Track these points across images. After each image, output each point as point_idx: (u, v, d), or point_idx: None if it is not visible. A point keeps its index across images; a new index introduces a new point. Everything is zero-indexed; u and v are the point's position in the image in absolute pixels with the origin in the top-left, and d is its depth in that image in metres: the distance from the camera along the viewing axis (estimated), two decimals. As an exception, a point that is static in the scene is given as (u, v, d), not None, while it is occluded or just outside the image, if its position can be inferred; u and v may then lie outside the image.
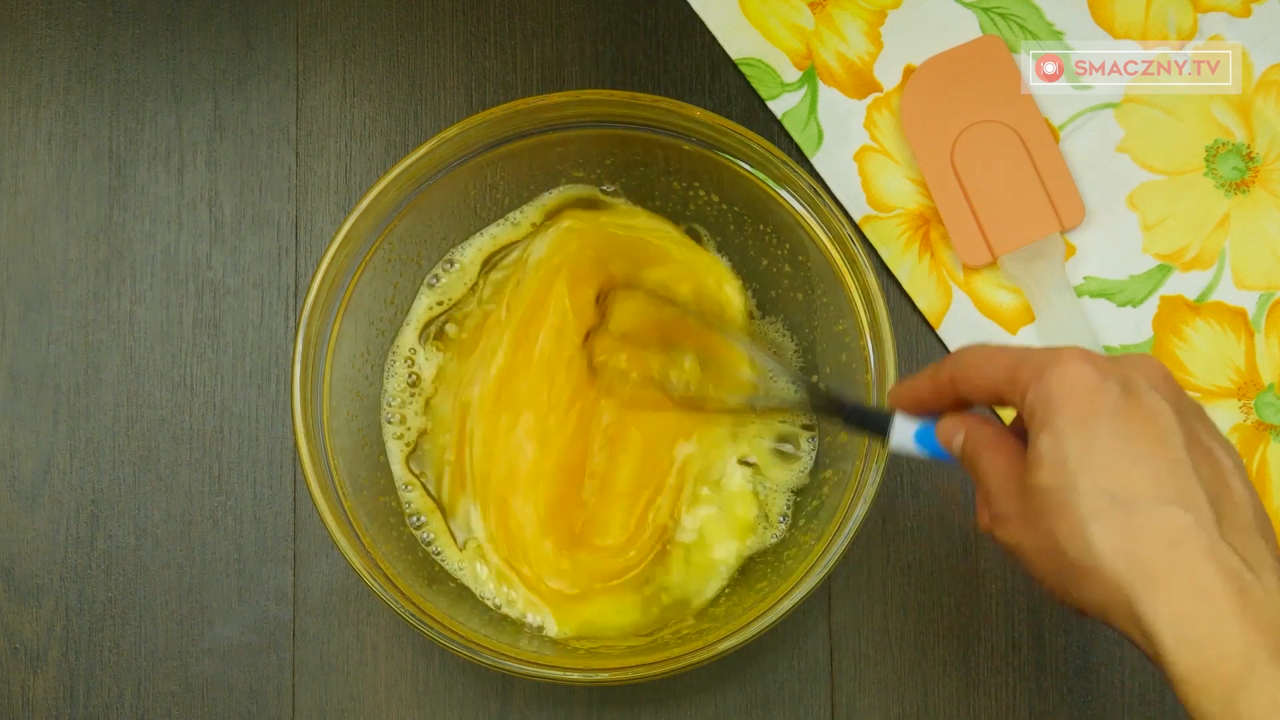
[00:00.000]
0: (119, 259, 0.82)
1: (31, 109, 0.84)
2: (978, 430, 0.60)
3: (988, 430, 0.59)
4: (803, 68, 0.83)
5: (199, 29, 0.84)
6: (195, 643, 0.79)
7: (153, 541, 0.80)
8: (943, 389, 0.61)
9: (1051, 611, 0.79)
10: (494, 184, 0.78)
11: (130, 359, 0.82)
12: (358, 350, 0.76)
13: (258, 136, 0.83)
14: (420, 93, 0.84)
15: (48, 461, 0.81)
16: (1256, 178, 0.82)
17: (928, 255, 0.82)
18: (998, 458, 0.58)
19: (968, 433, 0.60)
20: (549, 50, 0.84)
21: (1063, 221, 0.81)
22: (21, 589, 0.80)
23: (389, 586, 0.70)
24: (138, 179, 0.83)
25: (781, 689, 0.79)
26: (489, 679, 0.79)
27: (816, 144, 0.83)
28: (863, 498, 0.70)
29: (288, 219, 0.83)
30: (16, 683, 0.79)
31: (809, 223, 0.74)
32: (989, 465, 0.58)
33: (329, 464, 0.72)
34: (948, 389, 0.60)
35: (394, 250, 0.76)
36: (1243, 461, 0.58)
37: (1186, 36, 0.83)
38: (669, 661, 0.70)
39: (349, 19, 0.84)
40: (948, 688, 0.79)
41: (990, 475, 0.58)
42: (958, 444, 0.60)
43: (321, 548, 0.80)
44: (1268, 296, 0.81)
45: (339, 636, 0.79)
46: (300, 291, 0.82)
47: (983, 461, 0.59)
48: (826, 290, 0.75)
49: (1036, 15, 0.83)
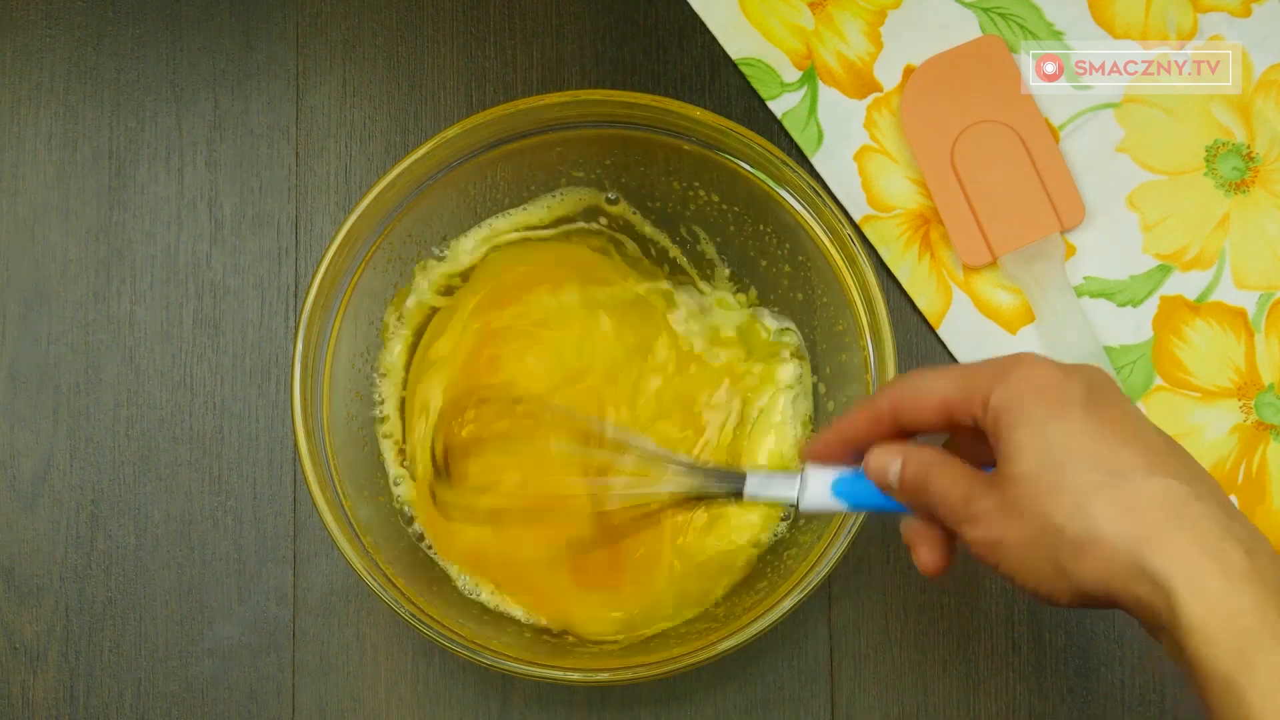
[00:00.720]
0: (119, 259, 0.82)
1: (31, 109, 0.84)
2: (919, 452, 0.58)
3: (929, 450, 0.58)
4: (803, 68, 0.83)
5: (199, 29, 0.84)
6: (195, 643, 0.79)
7: (153, 541, 0.80)
8: (880, 422, 0.59)
9: (1052, 611, 0.79)
10: (494, 184, 0.78)
11: (130, 359, 0.82)
12: (358, 350, 0.76)
13: (258, 136, 0.83)
14: (420, 93, 0.84)
15: (48, 461, 0.81)
16: (1256, 178, 0.82)
17: (928, 255, 0.82)
18: (948, 471, 0.57)
19: (905, 458, 0.58)
20: (549, 50, 0.84)
21: (1063, 221, 0.81)
22: (21, 589, 0.80)
23: (389, 586, 0.70)
24: (138, 179, 0.83)
25: (781, 689, 0.79)
26: (489, 679, 0.79)
27: (816, 144, 0.83)
28: (863, 498, 0.70)
29: (288, 219, 0.83)
30: (16, 683, 0.79)
31: (809, 223, 0.74)
32: (943, 480, 0.57)
33: (329, 464, 0.72)
34: (886, 420, 0.58)
35: (394, 250, 0.76)
36: None
37: (1186, 36, 0.83)
38: (669, 661, 0.70)
39: (349, 19, 0.84)
40: (948, 688, 0.79)
41: (949, 488, 0.56)
42: (894, 473, 0.58)
43: (321, 548, 0.80)
44: (1268, 296, 0.81)
45: (339, 636, 0.79)
46: (300, 291, 0.82)
47: (934, 479, 0.57)
48: (826, 290, 0.75)
49: (1036, 15, 0.83)
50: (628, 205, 0.79)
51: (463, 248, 0.78)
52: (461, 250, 0.78)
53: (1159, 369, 0.81)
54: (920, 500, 0.58)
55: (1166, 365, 0.81)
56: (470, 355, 0.77)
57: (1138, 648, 0.79)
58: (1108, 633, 0.79)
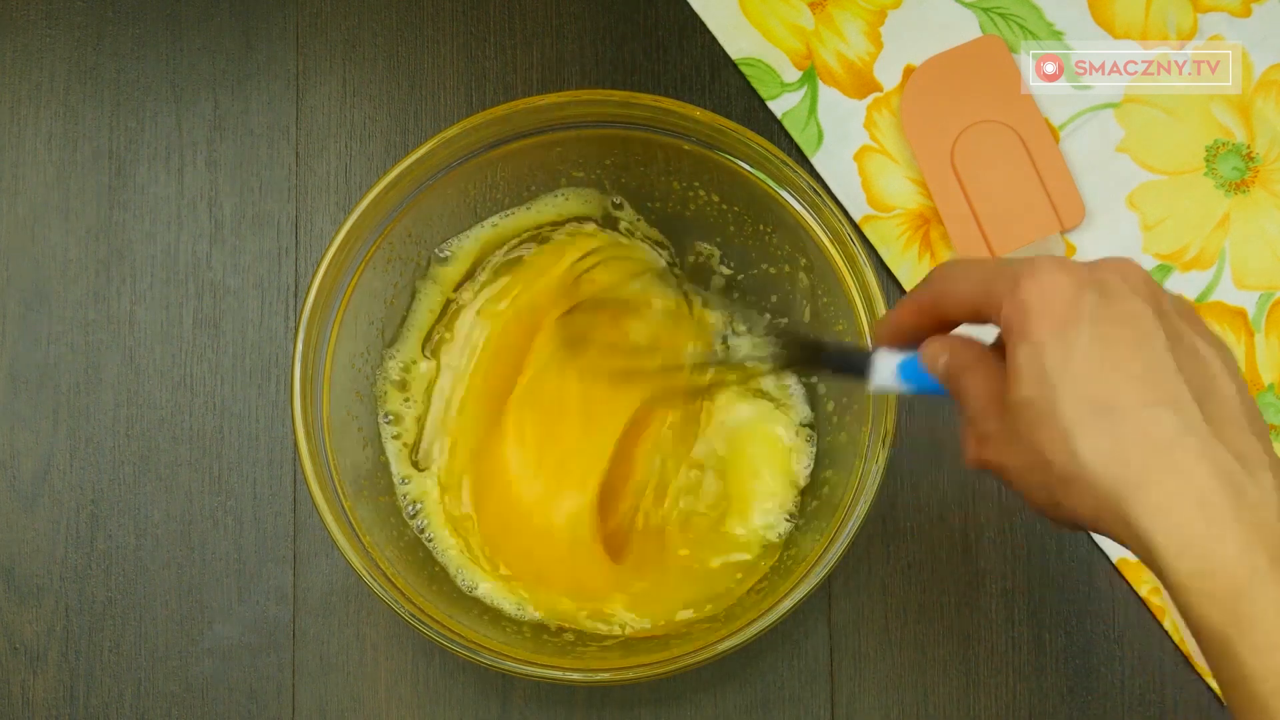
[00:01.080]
0: (119, 259, 0.82)
1: (31, 109, 0.84)
2: (961, 351, 0.57)
3: (971, 351, 0.57)
4: (803, 68, 0.83)
5: (199, 29, 0.84)
6: (195, 643, 0.79)
7: (153, 541, 0.80)
8: (925, 311, 0.58)
9: (1052, 611, 0.79)
10: (494, 184, 0.78)
11: (130, 359, 0.82)
12: (358, 350, 0.76)
13: (258, 136, 0.83)
14: (420, 93, 0.84)
15: (48, 461, 0.81)
16: (1256, 178, 0.82)
17: (928, 255, 0.82)
18: (978, 377, 0.56)
19: (951, 353, 0.57)
20: (549, 50, 0.84)
21: (1063, 221, 0.81)
22: (21, 589, 0.80)
23: (389, 586, 0.70)
24: (138, 179, 0.83)
25: (781, 689, 0.79)
26: (489, 679, 0.79)
27: (816, 144, 0.83)
28: (863, 498, 0.70)
29: (288, 219, 0.83)
30: (16, 683, 0.79)
31: (809, 223, 0.74)
32: (970, 385, 0.56)
33: (329, 464, 0.72)
34: (930, 311, 0.58)
35: (394, 250, 0.76)
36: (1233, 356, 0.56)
37: (1186, 36, 0.83)
38: (669, 661, 0.70)
39: (349, 19, 0.84)
40: (948, 688, 0.79)
41: (972, 395, 0.56)
42: (942, 365, 0.58)
43: (321, 548, 0.80)
44: (1267, 296, 0.81)
45: (339, 636, 0.79)
46: (300, 291, 0.82)
47: (965, 382, 0.56)
48: (826, 290, 0.75)
49: (1036, 15, 0.83)
50: (632, 211, 0.79)
51: (464, 248, 0.79)
52: (463, 250, 0.79)
53: (1159, 369, 0.80)
54: (955, 397, 0.58)
55: (1166, 365, 0.81)
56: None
57: (1138, 648, 0.79)
58: (1108, 633, 0.79)
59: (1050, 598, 0.79)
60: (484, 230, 0.79)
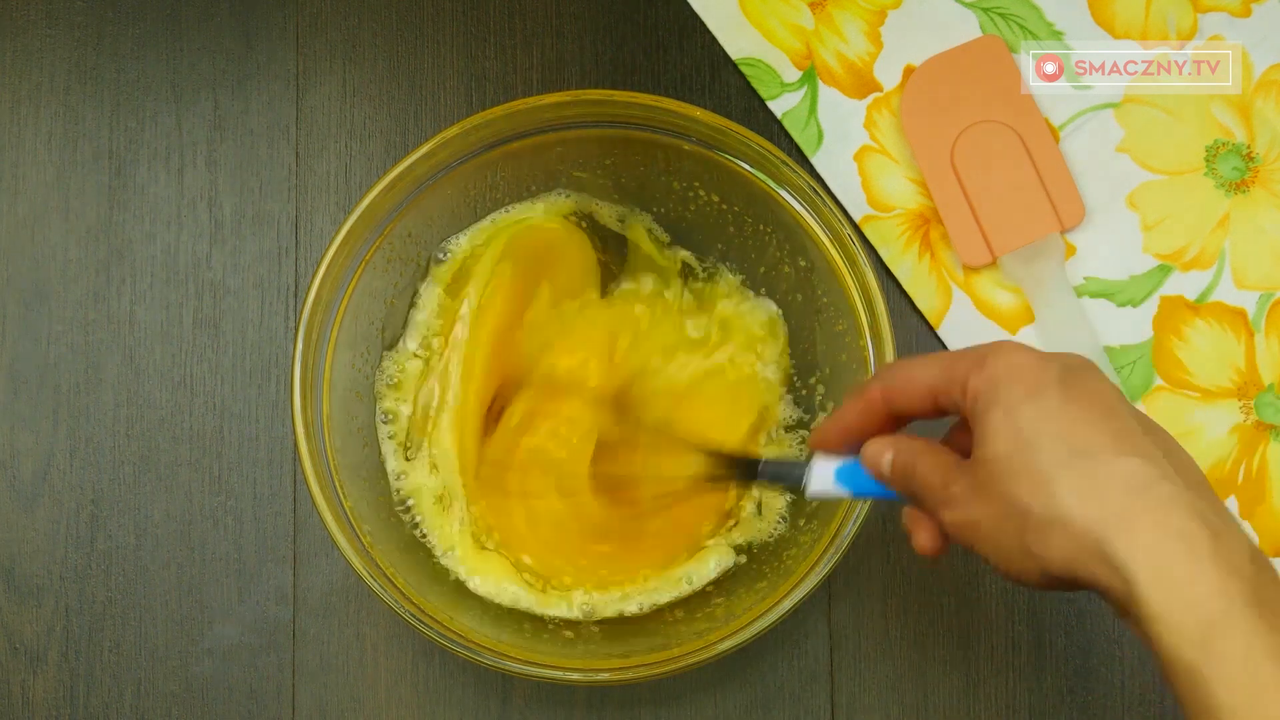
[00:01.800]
0: (119, 259, 0.82)
1: (31, 109, 0.84)
2: (907, 443, 0.59)
3: (917, 440, 0.59)
4: (803, 68, 0.83)
5: (199, 29, 0.84)
6: (195, 643, 0.79)
7: (153, 541, 0.80)
8: (872, 408, 0.60)
9: (1051, 611, 0.79)
10: (494, 184, 0.78)
11: (130, 359, 0.82)
12: (358, 350, 0.76)
13: (258, 136, 0.83)
14: (420, 93, 0.84)
15: (48, 461, 0.81)
16: (1256, 178, 0.82)
17: (928, 255, 0.82)
18: (929, 459, 0.58)
19: (895, 450, 0.60)
20: (549, 50, 0.84)
21: (1063, 221, 0.81)
22: (21, 589, 0.80)
23: (389, 586, 0.70)
24: (138, 179, 0.83)
25: (781, 689, 0.79)
26: (489, 679, 0.79)
27: (816, 144, 0.83)
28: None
29: (288, 219, 0.83)
30: (16, 683, 0.79)
31: (809, 223, 0.74)
32: (927, 466, 0.58)
33: (329, 464, 0.72)
34: (878, 408, 0.60)
35: (394, 250, 0.76)
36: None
37: (1186, 36, 0.83)
38: (669, 661, 0.70)
39: (349, 19, 0.84)
40: (948, 688, 0.79)
41: (931, 473, 0.58)
42: (887, 463, 0.60)
43: (321, 548, 0.80)
44: (1268, 296, 0.81)
45: (339, 636, 0.79)
46: (300, 291, 0.82)
47: (920, 466, 0.58)
48: (826, 290, 0.75)
49: (1036, 15, 0.83)
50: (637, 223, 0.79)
51: (464, 248, 0.79)
52: (463, 250, 0.79)
53: (1159, 369, 0.81)
54: (908, 487, 0.59)
55: (1166, 365, 0.81)
56: (499, 338, 0.78)
57: (1138, 648, 0.79)
58: (1108, 633, 0.79)
59: (1050, 598, 0.79)
60: (484, 230, 0.79)
